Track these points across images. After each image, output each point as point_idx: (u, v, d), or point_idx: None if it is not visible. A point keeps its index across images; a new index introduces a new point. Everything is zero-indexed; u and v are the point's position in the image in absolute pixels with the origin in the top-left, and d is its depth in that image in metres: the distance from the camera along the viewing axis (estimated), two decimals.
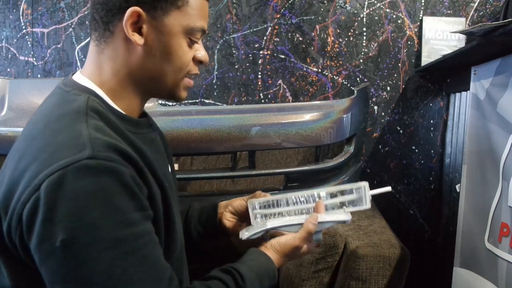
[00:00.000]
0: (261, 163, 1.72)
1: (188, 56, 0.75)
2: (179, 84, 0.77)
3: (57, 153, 0.60)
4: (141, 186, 0.65)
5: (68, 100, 0.70)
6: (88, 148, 0.60)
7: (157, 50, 0.72)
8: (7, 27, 2.02)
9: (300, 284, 1.38)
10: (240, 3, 1.95)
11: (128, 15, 0.69)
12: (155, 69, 0.74)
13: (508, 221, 1.15)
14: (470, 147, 1.44)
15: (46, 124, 0.66)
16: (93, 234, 0.58)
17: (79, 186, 0.58)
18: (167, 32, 0.72)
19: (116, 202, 0.60)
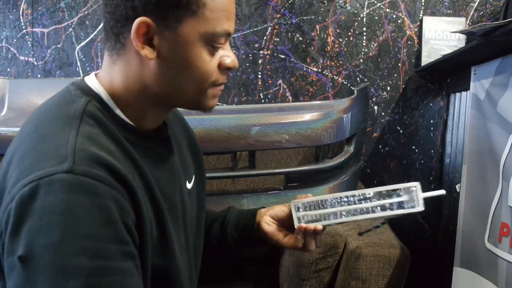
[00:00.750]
0: (261, 163, 1.72)
1: (211, 66, 0.66)
2: (206, 95, 0.68)
3: (37, 162, 0.55)
4: (126, 211, 0.57)
5: (67, 101, 0.64)
6: (69, 160, 0.54)
7: (173, 63, 0.64)
8: (7, 27, 2.02)
9: (300, 284, 1.38)
10: (240, 3, 1.95)
11: (135, 27, 0.61)
12: (172, 83, 0.65)
13: (508, 221, 1.15)
14: (470, 147, 1.44)
15: (37, 126, 0.62)
16: (52, 257, 0.51)
17: (49, 202, 0.52)
18: (183, 42, 0.63)
19: (85, 226, 0.53)
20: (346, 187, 1.48)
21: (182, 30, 0.62)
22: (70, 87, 0.68)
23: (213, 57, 0.66)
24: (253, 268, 1.70)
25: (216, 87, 0.69)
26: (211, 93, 0.69)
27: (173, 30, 0.62)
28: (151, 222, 0.64)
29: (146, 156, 0.68)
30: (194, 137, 0.91)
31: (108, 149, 0.59)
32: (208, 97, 0.69)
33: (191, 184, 0.83)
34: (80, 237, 0.52)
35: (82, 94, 0.65)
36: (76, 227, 0.52)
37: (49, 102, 0.67)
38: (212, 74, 0.66)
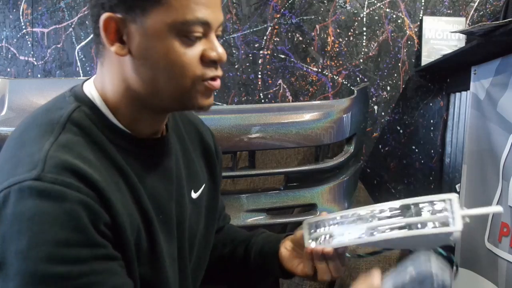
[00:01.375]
0: (261, 163, 1.72)
1: (187, 59, 0.60)
2: (191, 91, 0.63)
3: (13, 168, 0.56)
4: (97, 215, 0.56)
5: (57, 107, 0.64)
6: (39, 167, 0.54)
7: (146, 58, 0.61)
8: (7, 27, 2.02)
9: (300, 284, 1.38)
10: (240, 3, 1.95)
11: (102, 24, 0.59)
12: (150, 81, 0.62)
13: (508, 221, 1.15)
14: (470, 146, 1.44)
15: (22, 132, 0.62)
16: (20, 264, 0.52)
17: (19, 209, 0.53)
18: (151, 35, 0.59)
19: (53, 232, 0.52)
20: (346, 187, 1.47)
21: (149, 23, 0.59)
22: (67, 92, 0.67)
23: (190, 49, 0.61)
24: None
25: (205, 82, 0.63)
26: (200, 90, 0.63)
27: (139, 23, 0.59)
28: (139, 231, 0.63)
29: (139, 164, 0.66)
30: (209, 144, 0.85)
31: (85, 157, 0.59)
32: (196, 95, 0.63)
33: (197, 194, 0.79)
34: (47, 244, 0.52)
35: (73, 100, 0.65)
36: (42, 234, 0.52)
37: (43, 106, 0.67)
38: (191, 67, 0.61)
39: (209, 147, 0.85)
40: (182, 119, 0.82)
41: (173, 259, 0.72)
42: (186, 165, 0.77)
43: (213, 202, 0.84)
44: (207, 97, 0.65)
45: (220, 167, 0.88)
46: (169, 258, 0.70)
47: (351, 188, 1.56)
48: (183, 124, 0.81)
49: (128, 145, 0.65)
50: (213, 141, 0.88)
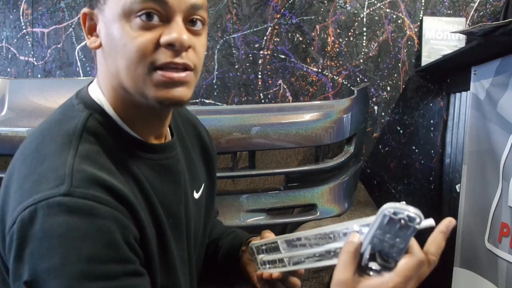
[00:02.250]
0: (261, 163, 1.72)
1: (140, 42, 0.56)
2: (147, 81, 0.58)
3: (36, 184, 0.55)
4: (128, 230, 0.56)
5: (69, 117, 0.62)
6: (67, 182, 0.53)
7: (109, 47, 0.59)
8: (7, 27, 2.02)
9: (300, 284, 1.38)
10: (240, 3, 1.95)
11: (81, 19, 0.62)
12: (116, 71, 0.60)
13: (508, 221, 1.15)
14: (470, 147, 1.44)
15: (38, 145, 0.60)
16: (55, 281, 0.51)
17: (49, 225, 0.51)
18: (109, 22, 0.58)
19: (85, 248, 0.52)
20: (346, 187, 1.47)
21: (108, 10, 0.58)
22: (74, 100, 0.66)
23: (146, 33, 0.57)
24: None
25: (159, 70, 0.58)
26: (154, 79, 0.58)
27: (103, 13, 0.59)
28: (153, 240, 0.63)
29: (151, 170, 0.65)
30: (207, 142, 0.85)
31: (108, 168, 0.58)
32: (151, 85, 0.58)
33: (199, 194, 0.78)
34: (80, 260, 0.51)
35: (84, 108, 0.63)
36: (75, 251, 0.51)
37: (52, 116, 0.65)
38: (144, 52, 0.57)
39: (207, 146, 0.85)
40: (180, 118, 0.81)
41: (184, 261, 0.72)
42: (188, 165, 0.76)
43: (210, 200, 0.84)
44: (164, 88, 0.58)
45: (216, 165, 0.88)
46: (180, 261, 0.70)
47: (351, 188, 1.56)
48: (182, 123, 0.80)
49: (139, 152, 0.64)
50: (209, 139, 0.87)
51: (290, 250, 0.67)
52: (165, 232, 0.65)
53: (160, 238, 0.65)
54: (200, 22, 0.61)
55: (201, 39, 0.62)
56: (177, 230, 0.69)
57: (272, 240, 0.70)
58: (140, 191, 0.62)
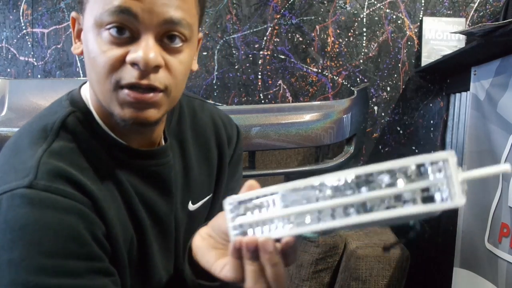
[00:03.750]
0: (261, 163, 1.72)
1: (107, 57, 0.53)
2: (113, 98, 0.55)
3: (5, 175, 0.54)
4: (94, 224, 0.54)
5: (52, 111, 0.61)
6: (31, 174, 0.52)
7: (85, 56, 0.57)
8: (7, 27, 2.02)
9: (300, 285, 1.38)
10: (240, 3, 1.95)
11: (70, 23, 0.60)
12: (90, 81, 0.58)
13: (508, 222, 1.15)
14: (470, 147, 1.44)
15: (17, 138, 0.60)
16: (13, 275, 0.49)
17: (11, 217, 0.50)
18: (86, 32, 0.56)
19: (46, 242, 0.50)
20: None
21: (85, 18, 0.56)
22: (65, 96, 0.65)
23: (114, 48, 0.53)
24: None
25: (123, 89, 0.54)
26: (118, 98, 0.55)
27: (84, 20, 0.57)
28: (131, 242, 0.61)
29: (134, 175, 0.62)
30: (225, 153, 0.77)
31: (79, 165, 0.56)
32: (116, 103, 0.55)
33: (196, 205, 0.73)
34: (40, 254, 0.50)
35: (69, 105, 0.62)
36: (36, 244, 0.50)
37: (41, 111, 0.64)
38: (110, 69, 0.53)
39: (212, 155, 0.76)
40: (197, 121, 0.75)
41: (169, 271, 0.68)
42: (184, 173, 0.71)
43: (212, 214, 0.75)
44: (129, 108, 0.55)
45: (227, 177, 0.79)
46: (164, 271, 0.66)
47: None
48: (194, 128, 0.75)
49: (121, 155, 0.61)
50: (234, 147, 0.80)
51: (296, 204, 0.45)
52: (147, 236, 0.63)
53: (141, 241, 0.62)
54: (179, 39, 0.56)
55: (180, 57, 0.57)
56: (164, 240, 0.66)
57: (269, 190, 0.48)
58: (119, 192, 0.60)
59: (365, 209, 0.42)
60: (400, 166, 0.42)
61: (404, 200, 0.40)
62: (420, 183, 0.40)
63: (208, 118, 0.77)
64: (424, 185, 0.40)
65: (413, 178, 0.41)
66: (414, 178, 0.41)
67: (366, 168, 0.43)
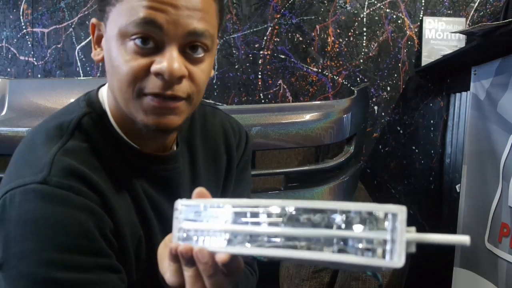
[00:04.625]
0: (261, 163, 1.72)
1: (131, 67, 0.54)
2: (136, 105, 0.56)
3: (20, 170, 0.56)
4: (103, 221, 0.55)
5: (69, 111, 0.63)
6: (45, 171, 0.54)
7: (107, 63, 0.58)
8: (7, 27, 2.02)
9: (300, 284, 1.38)
10: (240, 3, 1.95)
11: (90, 29, 0.61)
12: (112, 87, 0.59)
13: (508, 221, 1.15)
14: (470, 147, 1.44)
15: (34, 134, 0.61)
16: (22, 267, 0.51)
17: (24, 211, 0.52)
18: (109, 40, 0.57)
19: (56, 237, 0.51)
20: (346, 187, 1.48)
21: (108, 26, 0.57)
22: (82, 96, 0.66)
23: (139, 58, 0.54)
24: None
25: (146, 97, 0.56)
26: (142, 105, 0.56)
27: (106, 28, 0.58)
28: (140, 241, 0.62)
29: (145, 179, 0.64)
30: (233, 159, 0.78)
31: (91, 165, 0.58)
32: (139, 110, 0.57)
33: None
34: (50, 248, 0.51)
35: (85, 106, 0.63)
36: (46, 238, 0.51)
37: (59, 110, 0.66)
38: (134, 78, 0.55)
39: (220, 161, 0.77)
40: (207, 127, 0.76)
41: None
42: (192, 179, 0.72)
43: None
44: (151, 115, 0.56)
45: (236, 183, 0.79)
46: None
47: (351, 188, 1.56)
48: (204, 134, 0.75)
49: (132, 159, 0.63)
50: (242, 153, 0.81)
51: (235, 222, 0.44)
52: (155, 238, 0.64)
53: (149, 241, 0.64)
54: (201, 49, 0.57)
55: (202, 66, 0.58)
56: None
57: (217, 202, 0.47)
58: (129, 192, 0.62)
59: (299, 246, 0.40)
60: (347, 209, 0.38)
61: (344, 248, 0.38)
62: (364, 233, 0.37)
63: (218, 125, 0.78)
64: (367, 236, 0.37)
65: (358, 226, 0.38)
66: (358, 226, 0.38)
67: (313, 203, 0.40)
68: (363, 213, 0.37)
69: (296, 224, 0.40)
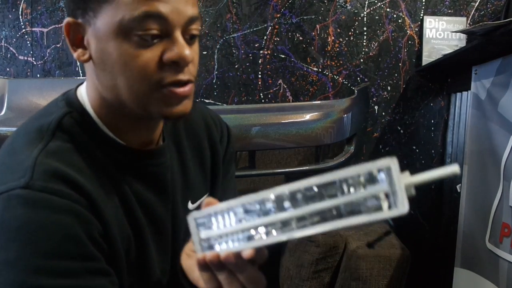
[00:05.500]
0: (261, 163, 1.72)
1: (141, 61, 0.55)
2: (152, 99, 0.57)
3: (2, 175, 0.54)
4: (90, 224, 0.54)
5: (48, 112, 0.61)
6: (27, 175, 0.52)
7: (103, 63, 0.57)
8: (6, 26, 2.01)
9: (300, 285, 1.38)
10: (240, 2, 1.94)
11: (64, 29, 0.58)
12: (112, 87, 0.58)
13: (509, 221, 1.15)
14: (471, 147, 1.43)
15: (13, 139, 0.60)
16: (8, 274, 0.49)
17: (7, 218, 0.51)
18: (103, 37, 0.55)
19: (41, 242, 0.50)
20: None
21: (100, 23, 0.55)
22: (61, 96, 0.65)
23: (146, 51, 0.55)
24: None
25: (165, 88, 0.57)
26: (160, 97, 0.57)
27: (93, 25, 0.56)
28: (129, 241, 0.61)
29: (131, 175, 0.63)
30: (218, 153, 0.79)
31: (75, 165, 0.57)
32: (158, 102, 0.57)
33: (196, 204, 0.74)
34: (36, 255, 0.50)
35: (64, 105, 0.62)
36: (31, 244, 0.50)
37: (37, 112, 0.64)
38: (147, 71, 0.55)
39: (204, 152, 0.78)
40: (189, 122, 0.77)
41: (165, 272, 0.68)
42: (182, 174, 0.73)
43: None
44: (172, 105, 0.58)
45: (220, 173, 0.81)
46: (160, 270, 0.67)
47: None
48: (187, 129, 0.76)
49: (118, 155, 0.62)
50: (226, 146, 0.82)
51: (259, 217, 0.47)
52: (144, 234, 0.63)
53: (138, 240, 0.63)
54: (195, 34, 0.59)
55: (195, 48, 0.61)
56: (160, 239, 0.67)
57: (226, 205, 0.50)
58: (116, 192, 0.61)
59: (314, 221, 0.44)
60: (344, 176, 0.42)
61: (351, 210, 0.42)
62: (364, 192, 0.41)
63: (199, 119, 0.79)
64: (370, 193, 0.40)
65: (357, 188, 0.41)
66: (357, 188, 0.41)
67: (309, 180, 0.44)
68: (361, 175, 0.41)
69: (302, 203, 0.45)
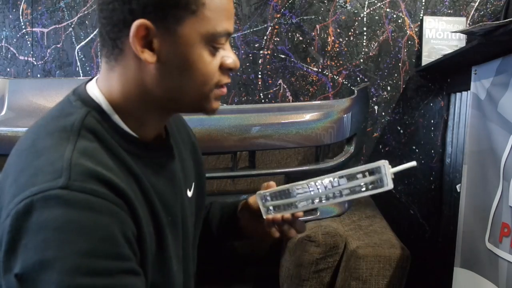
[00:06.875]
0: (261, 163, 1.72)
1: (212, 67, 0.64)
2: (209, 97, 0.66)
3: (33, 177, 0.54)
4: (126, 224, 0.56)
5: (67, 113, 0.63)
6: (64, 175, 0.53)
7: (174, 66, 0.62)
8: (6, 26, 2.02)
9: (300, 284, 1.38)
10: (240, 2, 1.94)
11: (134, 30, 0.59)
12: (174, 87, 0.63)
13: (509, 221, 1.15)
14: (471, 147, 1.43)
15: (34, 140, 0.60)
16: (47, 274, 0.50)
17: (44, 218, 0.51)
18: (183, 44, 0.61)
19: (81, 242, 0.51)
20: None
21: (182, 31, 0.60)
22: (71, 96, 0.66)
23: (214, 58, 0.64)
24: (253, 269, 1.70)
25: (219, 88, 0.67)
26: (214, 95, 0.67)
27: (172, 32, 0.60)
28: (151, 237, 0.63)
29: (148, 168, 0.66)
30: (196, 143, 0.88)
31: (106, 164, 0.58)
32: (211, 99, 0.67)
33: (191, 192, 0.80)
34: (74, 255, 0.51)
35: (82, 105, 0.63)
36: (70, 244, 0.51)
37: (49, 113, 0.65)
38: (214, 75, 0.65)
39: (196, 145, 0.88)
40: (174, 119, 0.82)
41: (179, 260, 0.72)
42: (182, 164, 0.78)
43: (201, 200, 0.85)
44: (217, 101, 0.69)
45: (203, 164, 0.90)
46: (176, 261, 0.70)
47: None
48: (175, 123, 0.82)
49: (137, 150, 0.65)
50: (195, 139, 0.91)
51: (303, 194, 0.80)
52: (164, 229, 0.66)
53: (158, 236, 0.65)
54: None
55: None
56: (175, 228, 0.70)
57: (285, 187, 0.81)
58: (139, 188, 0.62)
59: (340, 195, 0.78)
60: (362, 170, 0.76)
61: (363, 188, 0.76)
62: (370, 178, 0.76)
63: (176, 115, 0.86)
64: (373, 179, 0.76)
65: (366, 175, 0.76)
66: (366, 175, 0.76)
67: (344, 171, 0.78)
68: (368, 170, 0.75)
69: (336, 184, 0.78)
